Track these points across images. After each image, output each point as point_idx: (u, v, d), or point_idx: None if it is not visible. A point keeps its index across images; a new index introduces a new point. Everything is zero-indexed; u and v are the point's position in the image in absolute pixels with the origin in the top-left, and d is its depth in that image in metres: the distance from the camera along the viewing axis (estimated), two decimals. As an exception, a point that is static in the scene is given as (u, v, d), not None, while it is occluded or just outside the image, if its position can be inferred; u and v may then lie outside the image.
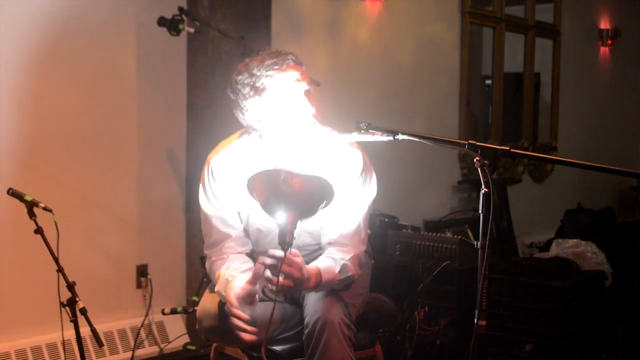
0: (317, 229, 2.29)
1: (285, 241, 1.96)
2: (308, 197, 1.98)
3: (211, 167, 2.25)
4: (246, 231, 2.31)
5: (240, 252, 2.30)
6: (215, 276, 2.26)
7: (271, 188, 1.98)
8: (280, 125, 2.15)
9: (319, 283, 2.09)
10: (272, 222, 2.26)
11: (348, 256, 2.19)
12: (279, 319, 2.25)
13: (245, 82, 2.14)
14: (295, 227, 1.96)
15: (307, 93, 2.16)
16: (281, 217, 1.97)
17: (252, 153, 2.24)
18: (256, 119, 2.17)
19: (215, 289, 2.21)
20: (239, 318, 2.08)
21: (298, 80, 2.14)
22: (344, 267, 2.16)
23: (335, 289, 2.17)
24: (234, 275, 2.17)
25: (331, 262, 2.15)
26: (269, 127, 2.18)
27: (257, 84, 2.13)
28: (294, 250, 2.03)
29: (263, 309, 2.16)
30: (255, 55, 2.20)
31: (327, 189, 2.00)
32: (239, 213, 2.28)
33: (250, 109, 2.16)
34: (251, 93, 2.14)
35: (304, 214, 2.01)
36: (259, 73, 2.12)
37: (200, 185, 2.28)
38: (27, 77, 3.24)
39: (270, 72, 2.12)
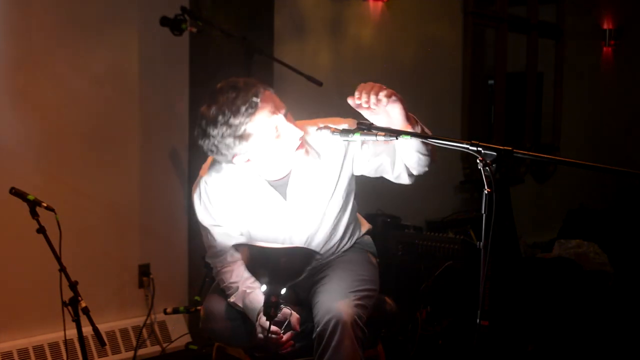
0: (329, 238, 2.29)
1: (270, 314, 1.98)
2: (292, 269, 1.97)
3: (204, 186, 2.20)
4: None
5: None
6: (224, 284, 2.26)
7: (256, 261, 1.98)
8: (273, 156, 2.10)
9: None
10: (274, 233, 2.25)
11: None
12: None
13: (226, 134, 2.03)
14: (280, 299, 1.97)
15: (288, 117, 2.09)
16: (266, 288, 1.97)
17: (245, 172, 2.19)
18: (245, 160, 2.11)
19: (231, 300, 2.21)
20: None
21: (277, 108, 2.06)
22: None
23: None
24: (252, 287, 2.19)
25: None
26: (261, 162, 2.12)
27: (239, 133, 2.03)
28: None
29: None
30: (210, 99, 2.04)
31: (310, 256, 1.98)
32: (239, 224, 2.26)
33: (239, 154, 2.09)
34: (236, 142, 2.05)
35: (288, 282, 2.00)
36: (237, 121, 2.01)
37: (195, 201, 2.23)
38: (29, 77, 3.24)
39: (248, 119, 2.02)
